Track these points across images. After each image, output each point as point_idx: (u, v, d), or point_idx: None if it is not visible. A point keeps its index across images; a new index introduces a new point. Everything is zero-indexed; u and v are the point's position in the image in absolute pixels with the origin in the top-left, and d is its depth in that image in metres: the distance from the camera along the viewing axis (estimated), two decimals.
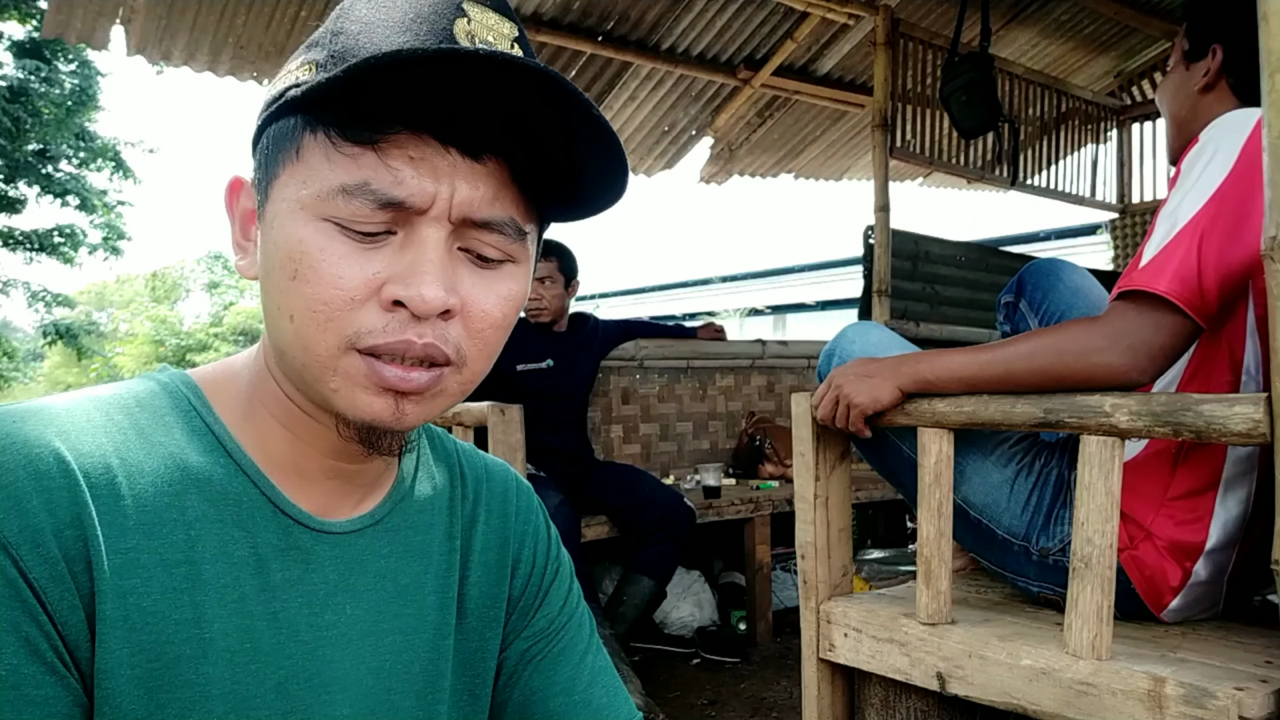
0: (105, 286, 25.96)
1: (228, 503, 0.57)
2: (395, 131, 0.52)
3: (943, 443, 1.30)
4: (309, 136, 0.54)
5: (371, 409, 0.55)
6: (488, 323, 0.57)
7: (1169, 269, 1.12)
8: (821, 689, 1.50)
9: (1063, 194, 4.31)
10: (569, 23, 3.61)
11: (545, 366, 2.93)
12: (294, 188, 0.54)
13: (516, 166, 0.56)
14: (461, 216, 0.54)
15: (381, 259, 0.53)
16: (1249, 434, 0.99)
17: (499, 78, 0.50)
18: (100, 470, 0.53)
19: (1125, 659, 1.13)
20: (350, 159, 0.52)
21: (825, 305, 13.73)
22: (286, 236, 0.54)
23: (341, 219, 0.53)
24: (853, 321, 1.67)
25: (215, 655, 0.54)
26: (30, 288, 12.76)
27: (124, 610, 0.51)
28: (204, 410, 0.60)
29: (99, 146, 12.34)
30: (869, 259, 3.50)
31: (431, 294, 0.53)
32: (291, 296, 0.54)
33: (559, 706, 0.71)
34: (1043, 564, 1.36)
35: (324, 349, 0.54)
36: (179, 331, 17.25)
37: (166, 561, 0.54)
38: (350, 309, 0.53)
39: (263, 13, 3.17)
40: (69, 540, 0.50)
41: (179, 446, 0.57)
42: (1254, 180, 1.14)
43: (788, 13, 3.79)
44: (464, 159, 0.53)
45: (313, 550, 0.60)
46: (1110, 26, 4.19)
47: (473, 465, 0.75)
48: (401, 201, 0.52)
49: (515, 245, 0.57)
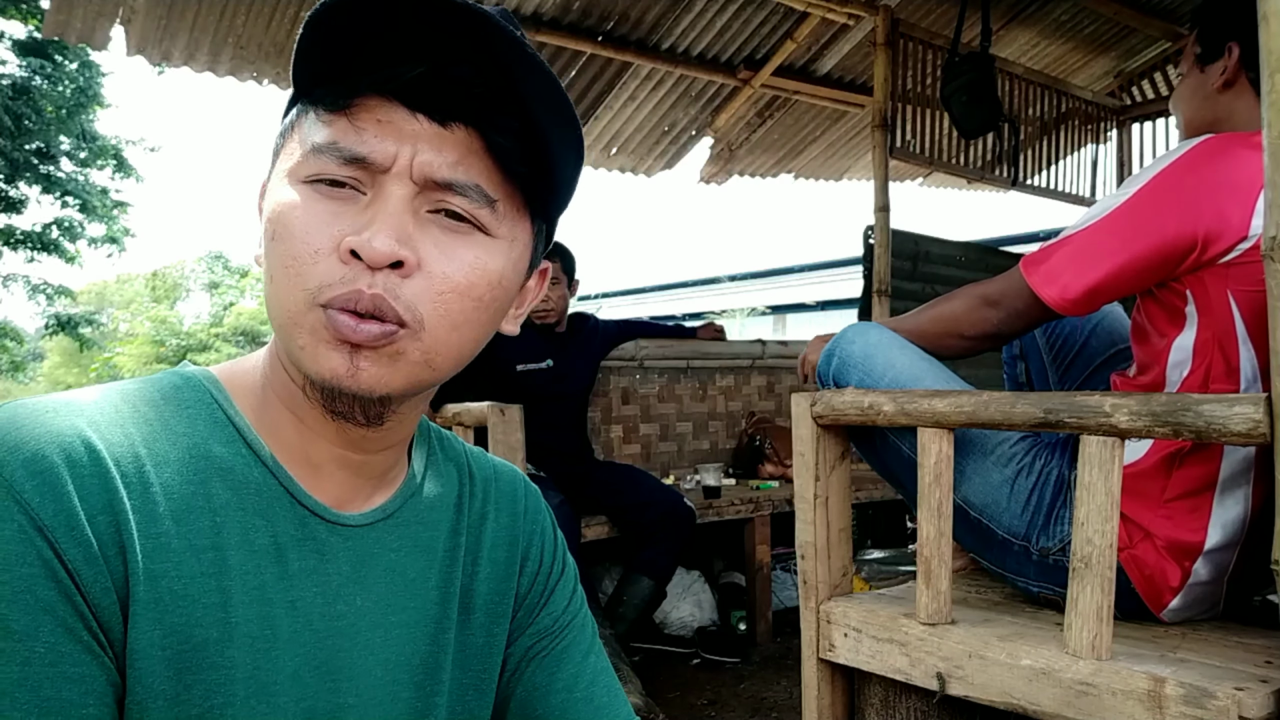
0: (105, 286, 25.95)
1: (249, 491, 0.59)
2: (365, 95, 0.56)
3: (943, 443, 1.30)
4: (303, 116, 0.59)
5: (329, 363, 0.56)
6: (448, 285, 0.57)
7: (1044, 264, 1.32)
8: (821, 689, 1.50)
9: (1063, 194, 4.30)
10: (569, 23, 3.61)
11: (545, 366, 2.93)
12: (284, 160, 0.59)
13: (488, 138, 0.57)
14: (424, 176, 0.56)
15: (348, 215, 0.56)
16: (1249, 434, 0.99)
17: (435, 19, 0.53)
18: (129, 459, 0.55)
19: (1125, 659, 1.13)
20: (325, 124, 0.57)
21: (825, 305, 13.73)
22: (271, 203, 0.58)
23: (311, 175, 0.56)
24: (853, 322, 1.68)
25: (239, 640, 0.56)
26: (30, 281, 12.76)
27: (155, 593, 0.53)
28: (225, 402, 0.61)
29: (100, 146, 12.35)
30: (869, 259, 3.50)
31: (380, 242, 0.54)
32: (271, 258, 0.57)
33: (560, 703, 0.73)
34: (1043, 564, 1.36)
35: (293, 304, 0.56)
36: (179, 331, 17.22)
37: (195, 547, 0.56)
38: (314, 262, 0.55)
39: (263, 13, 3.17)
40: (102, 526, 0.52)
41: (202, 437, 0.59)
42: (1157, 202, 1.24)
43: (788, 13, 3.79)
44: (431, 124, 0.56)
45: (327, 541, 0.62)
46: (1110, 26, 4.18)
47: (481, 466, 0.76)
48: (364, 157, 0.55)
49: (484, 211, 0.58)
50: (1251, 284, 1.19)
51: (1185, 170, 1.23)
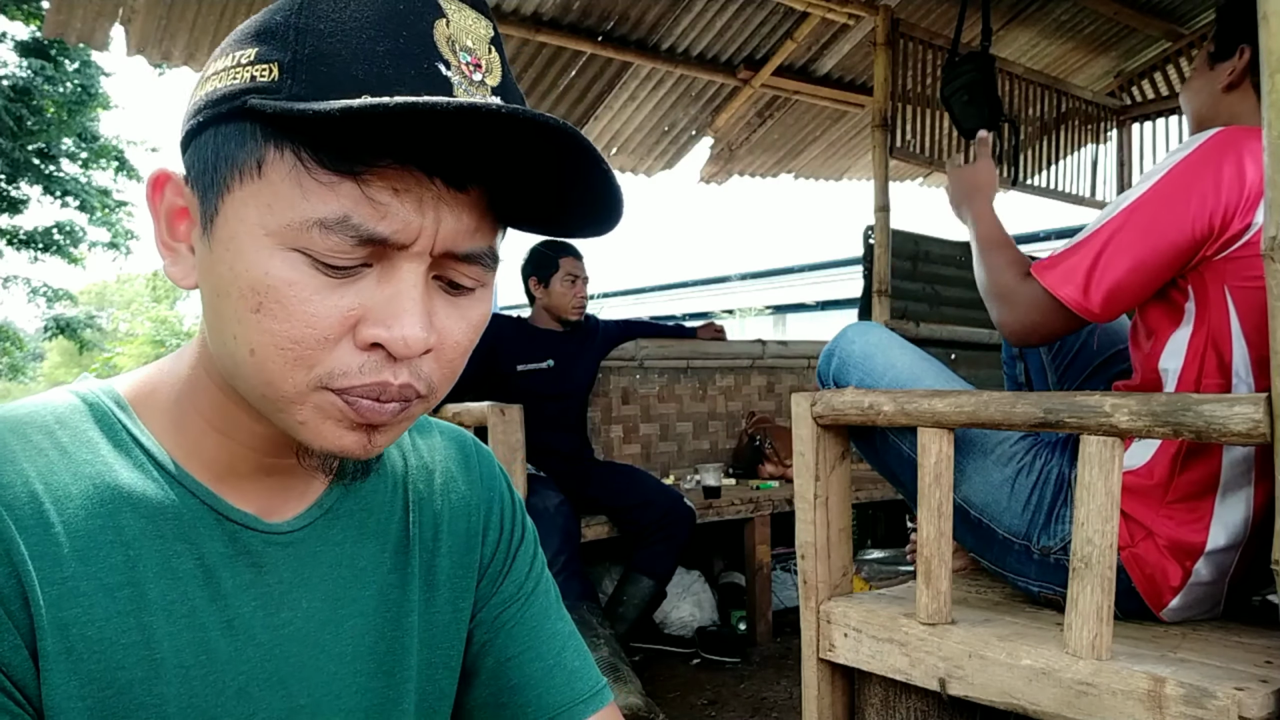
0: (106, 286, 25.97)
1: (166, 517, 0.55)
2: (383, 165, 0.47)
3: (943, 443, 1.30)
4: (274, 153, 0.48)
5: (342, 442, 0.53)
6: (458, 352, 0.55)
7: (1061, 267, 1.29)
8: (821, 689, 1.50)
9: (1063, 194, 4.30)
10: (569, 23, 3.61)
11: (545, 366, 2.93)
12: (257, 211, 0.49)
13: (495, 192, 0.53)
14: (444, 250, 0.51)
15: (356, 294, 0.50)
16: (1249, 434, 0.99)
17: (498, 125, 0.46)
18: (25, 500, 0.50)
19: (1125, 659, 1.13)
20: (327, 188, 0.47)
21: (825, 305, 13.73)
22: (249, 265, 0.49)
23: (315, 252, 0.48)
24: (853, 321, 1.68)
25: (168, 674, 0.53)
26: (30, 283, 12.77)
27: (66, 643, 0.50)
28: (130, 423, 0.57)
29: (101, 146, 12.35)
30: (869, 259, 3.50)
31: (415, 336, 0.50)
32: (253, 330, 0.50)
33: (534, 671, 0.71)
34: (1043, 563, 1.36)
35: (292, 387, 0.51)
36: (179, 332, 17.23)
37: (107, 586, 0.52)
38: (322, 348, 0.50)
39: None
40: (2, 579, 0.48)
41: (106, 464, 0.54)
42: (1175, 193, 1.23)
43: (788, 13, 3.79)
44: (448, 190, 0.50)
45: (263, 553, 0.58)
46: (1110, 26, 4.18)
47: (425, 433, 0.73)
48: (386, 238, 0.48)
49: (489, 273, 0.55)
50: (1247, 279, 1.20)
51: (1201, 161, 1.23)
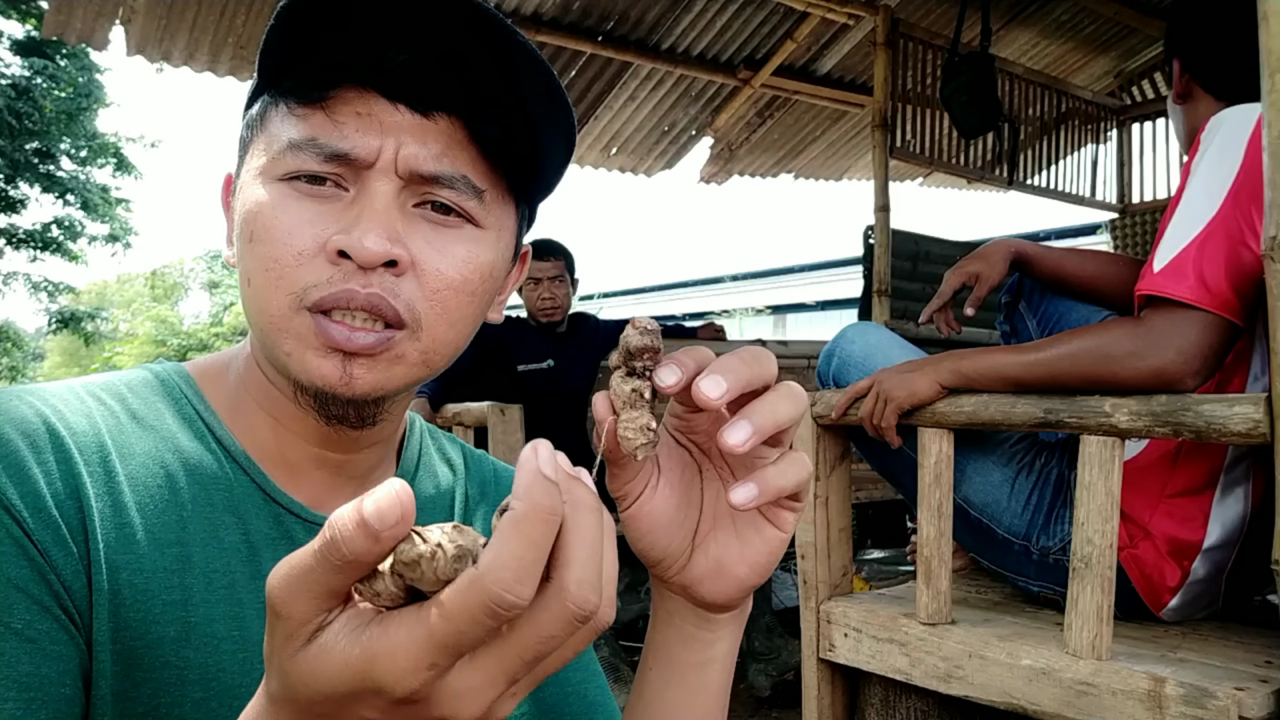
0: (106, 286, 25.97)
1: (218, 487, 0.57)
2: (341, 87, 0.53)
3: (943, 443, 1.30)
4: (272, 109, 0.56)
5: (320, 370, 0.54)
6: (443, 283, 0.55)
7: (1189, 273, 1.14)
8: (821, 689, 1.50)
9: (1062, 194, 4.30)
10: (569, 23, 3.61)
11: (546, 367, 2.94)
12: (256, 158, 0.56)
13: (473, 127, 0.55)
14: (409, 170, 0.54)
15: (332, 215, 0.54)
16: (1249, 434, 0.99)
17: (417, 6, 0.51)
18: (94, 448, 0.53)
19: (1125, 659, 1.13)
20: (301, 119, 0.54)
21: (825, 305, 13.74)
22: (245, 201, 0.55)
23: (288, 171, 0.54)
24: (852, 322, 1.68)
25: (197, 639, 0.54)
26: (30, 279, 12.76)
27: (115, 585, 0.51)
28: (195, 399, 0.60)
29: (100, 144, 12.34)
30: (869, 259, 3.50)
31: (371, 241, 0.52)
32: (249, 259, 0.55)
33: (551, 696, 0.70)
34: (1043, 563, 1.36)
35: (277, 308, 0.54)
36: (179, 331, 17.23)
37: (159, 541, 0.54)
38: (298, 264, 0.53)
39: (263, 13, 3.16)
40: (69, 511, 0.51)
41: (170, 430, 0.57)
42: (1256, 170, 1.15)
43: (788, 13, 3.79)
44: (413, 115, 0.54)
45: (306, 541, 0.59)
46: (1110, 26, 4.18)
47: (480, 468, 0.74)
48: (346, 153, 0.53)
49: (472, 203, 0.56)
50: None
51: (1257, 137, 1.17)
